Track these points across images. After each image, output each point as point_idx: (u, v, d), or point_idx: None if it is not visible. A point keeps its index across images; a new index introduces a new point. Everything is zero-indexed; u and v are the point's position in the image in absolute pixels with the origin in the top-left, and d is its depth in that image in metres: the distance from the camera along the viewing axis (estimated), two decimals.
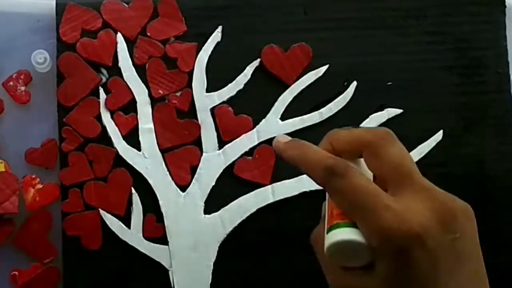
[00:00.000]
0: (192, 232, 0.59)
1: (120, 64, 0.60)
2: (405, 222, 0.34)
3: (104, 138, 0.59)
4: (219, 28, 0.61)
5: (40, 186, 0.58)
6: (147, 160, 0.59)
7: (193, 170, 0.60)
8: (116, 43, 0.60)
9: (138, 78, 0.60)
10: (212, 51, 0.61)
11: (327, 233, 0.37)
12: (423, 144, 0.62)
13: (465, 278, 0.36)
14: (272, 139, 0.60)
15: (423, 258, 0.34)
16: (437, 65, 0.63)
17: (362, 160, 0.39)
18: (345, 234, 0.36)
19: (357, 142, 0.38)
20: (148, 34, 0.60)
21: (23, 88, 0.59)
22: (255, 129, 0.61)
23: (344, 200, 0.36)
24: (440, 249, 0.34)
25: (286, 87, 0.61)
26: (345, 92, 0.62)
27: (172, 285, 0.58)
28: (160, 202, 0.59)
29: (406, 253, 0.34)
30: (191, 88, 0.60)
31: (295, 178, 0.60)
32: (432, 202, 0.35)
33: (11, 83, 0.59)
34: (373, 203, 0.35)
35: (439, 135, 0.62)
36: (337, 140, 0.39)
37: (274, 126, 0.61)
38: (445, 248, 0.35)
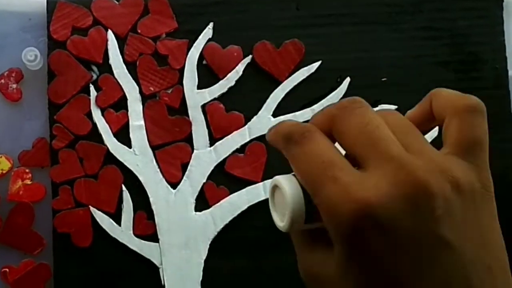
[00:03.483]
0: (183, 230, 0.58)
1: (111, 61, 0.60)
2: (350, 197, 0.28)
3: (95, 135, 0.59)
4: (210, 25, 0.61)
5: (29, 182, 0.58)
6: (138, 157, 0.59)
7: (184, 167, 0.59)
8: (107, 40, 0.60)
9: (129, 75, 0.60)
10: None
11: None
12: None
13: (449, 273, 0.28)
14: (264, 136, 0.60)
15: (380, 243, 0.28)
16: (432, 61, 0.62)
17: None
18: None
19: (327, 119, 0.33)
20: (139, 31, 0.60)
21: (14, 85, 0.59)
22: (246, 126, 0.60)
23: (296, 169, 0.31)
24: (405, 233, 0.28)
25: (278, 83, 0.61)
26: (338, 88, 0.61)
27: (163, 283, 0.58)
28: (151, 199, 0.59)
29: (358, 234, 0.28)
30: (182, 85, 0.60)
31: None
32: (396, 173, 0.28)
33: (2, 80, 0.59)
34: (322, 174, 0.29)
35: (434, 132, 0.61)
36: (314, 120, 0.34)
37: (266, 123, 0.60)
38: (414, 232, 0.28)
